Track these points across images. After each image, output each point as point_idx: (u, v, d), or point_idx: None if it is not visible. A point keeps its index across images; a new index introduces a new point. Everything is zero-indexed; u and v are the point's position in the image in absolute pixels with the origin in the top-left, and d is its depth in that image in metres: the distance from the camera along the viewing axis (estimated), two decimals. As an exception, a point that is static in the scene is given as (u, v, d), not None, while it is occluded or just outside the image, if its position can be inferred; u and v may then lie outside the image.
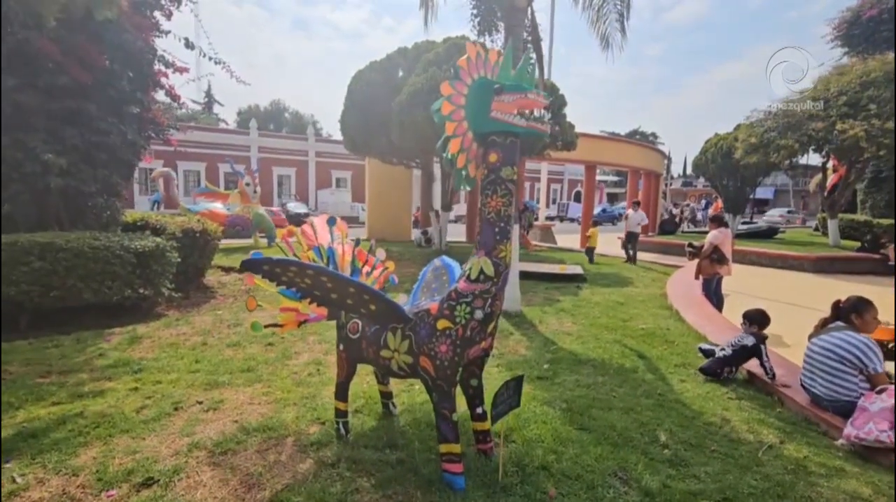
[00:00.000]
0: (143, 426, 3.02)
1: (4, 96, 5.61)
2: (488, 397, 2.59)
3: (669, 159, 33.46)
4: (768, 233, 19.12)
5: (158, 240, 6.39)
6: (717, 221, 7.45)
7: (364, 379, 3.75)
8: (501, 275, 2.38)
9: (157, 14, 6.98)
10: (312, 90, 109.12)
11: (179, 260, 6.68)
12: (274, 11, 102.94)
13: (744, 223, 21.56)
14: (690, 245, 7.88)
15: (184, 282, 7.26)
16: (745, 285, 9.33)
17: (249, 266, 2.40)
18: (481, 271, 2.36)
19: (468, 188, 2.63)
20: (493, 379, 3.93)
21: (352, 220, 25.81)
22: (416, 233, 14.01)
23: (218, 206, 12.29)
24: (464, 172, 2.45)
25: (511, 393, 2.53)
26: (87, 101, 6.06)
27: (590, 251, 12.74)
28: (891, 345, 4.37)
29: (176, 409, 3.29)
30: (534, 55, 7.03)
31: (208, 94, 55.42)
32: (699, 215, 29.52)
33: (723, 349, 4.34)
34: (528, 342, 5.10)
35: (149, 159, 8.17)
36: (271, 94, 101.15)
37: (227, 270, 8.97)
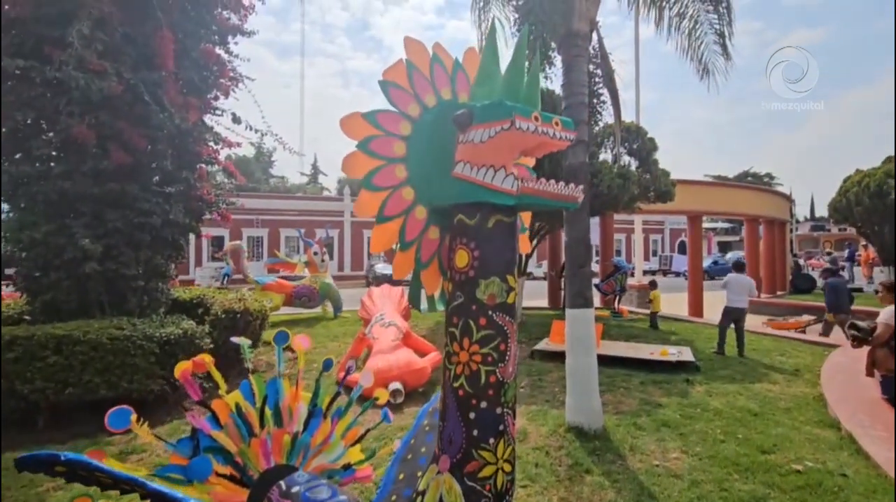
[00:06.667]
0: None
1: (52, 183, 5.65)
2: None
3: (792, 202, 28.81)
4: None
5: (188, 325, 5.92)
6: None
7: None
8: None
9: (216, 92, 7.01)
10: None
11: (212, 345, 6.14)
12: (374, 91, 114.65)
13: (909, 277, 17.10)
14: (853, 326, 5.65)
15: (224, 367, 6.68)
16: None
17: (31, 467, 1.38)
18: (442, 506, 1.09)
19: (436, 309, 1.40)
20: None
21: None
22: None
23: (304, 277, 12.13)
24: (419, 288, 1.26)
25: None
26: (129, 183, 5.95)
27: (653, 317, 10.42)
28: None
29: None
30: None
31: (314, 166, 61.41)
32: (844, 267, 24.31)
33: None
34: (612, 491, 3.43)
35: (208, 236, 8.08)
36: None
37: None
